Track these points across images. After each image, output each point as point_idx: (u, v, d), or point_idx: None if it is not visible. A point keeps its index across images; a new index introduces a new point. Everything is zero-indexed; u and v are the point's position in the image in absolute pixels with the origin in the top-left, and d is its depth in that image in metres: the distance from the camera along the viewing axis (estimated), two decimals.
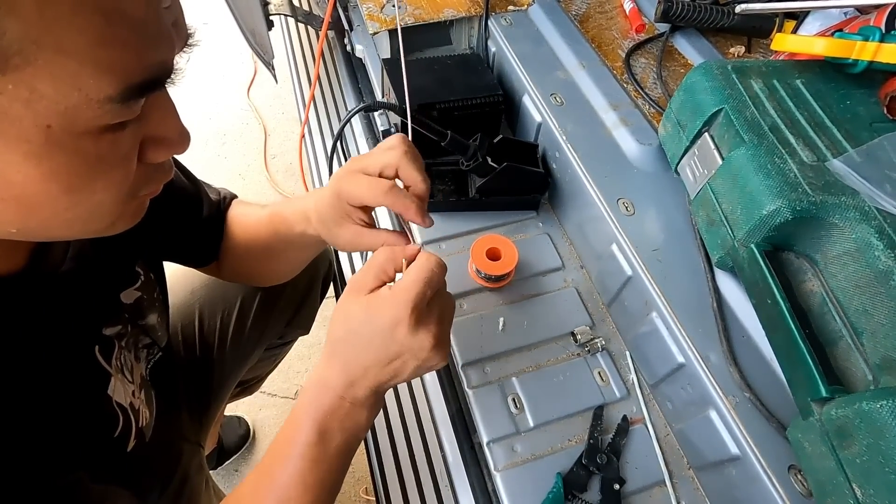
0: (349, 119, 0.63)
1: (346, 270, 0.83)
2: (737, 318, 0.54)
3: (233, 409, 1.28)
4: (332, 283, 0.92)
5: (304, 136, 0.98)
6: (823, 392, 0.40)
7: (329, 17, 0.85)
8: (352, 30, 0.99)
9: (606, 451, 0.56)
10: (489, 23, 0.85)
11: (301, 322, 0.90)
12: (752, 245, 0.50)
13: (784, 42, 0.60)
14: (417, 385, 0.65)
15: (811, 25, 0.74)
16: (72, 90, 0.26)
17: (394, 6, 0.86)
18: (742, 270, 0.52)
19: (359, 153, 0.89)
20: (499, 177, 0.70)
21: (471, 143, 0.68)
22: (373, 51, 0.95)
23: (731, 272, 0.56)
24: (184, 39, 0.32)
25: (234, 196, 0.67)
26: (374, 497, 0.65)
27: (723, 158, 0.54)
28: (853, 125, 0.54)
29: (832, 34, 0.57)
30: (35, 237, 0.36)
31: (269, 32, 1.01)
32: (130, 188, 0.34)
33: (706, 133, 0.57)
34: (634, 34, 0.83)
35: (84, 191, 0.31)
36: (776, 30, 0.78)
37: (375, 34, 0.86)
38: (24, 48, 0.24)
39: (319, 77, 1.05)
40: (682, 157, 0.61)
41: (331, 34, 1.08)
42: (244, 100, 1.97)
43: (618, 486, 0.54)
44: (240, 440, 1.23)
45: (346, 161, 0.84)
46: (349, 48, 1.01)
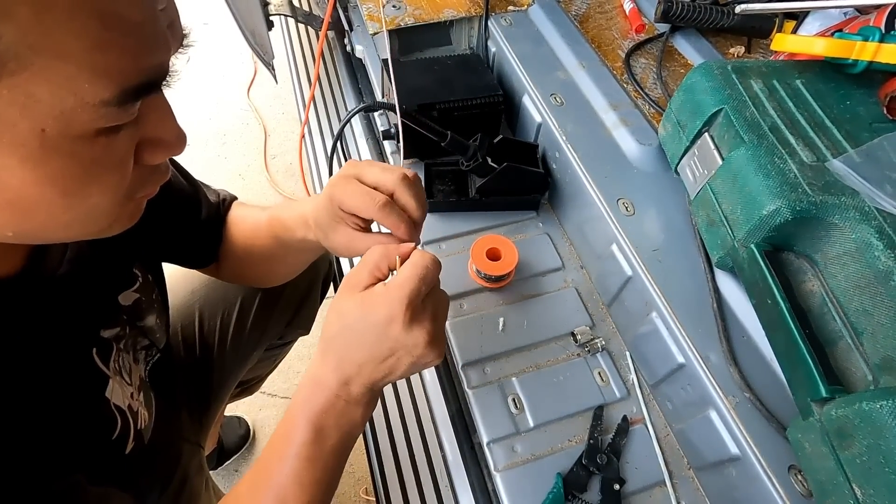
0: (349, 119, 0.64)
1: (346, 271, 0.83)
2: (737, 319, 0.54)
3: (233, 410, 1.28)
4: (332, 284, 0.92)
5: (304, 137, 0.98)
6: (823, 392, 0.41)
7: (329, 18, 0.85)
8: (352, 30, 0.99)
9: (606, 452, 0.56)
10: (489, 23, 0.85)
11: (301, 322, 0.90)
12: (752, 245, 0.50)
13: (784, 42, 0.60)
14: (417, 385, 0.65)
15: (811, 26, 0.74)
16: (67, 94, 0.26)
17: (394, 7, 0.86)
18: (742, 270, 0.52)
19: (359, 153, 0.89)
20: (499, 177, 0.70)
21: (471, 144, 0.68)
22: (373, 51, 0.95)
23: (731, 272, 0.56)
24: (179, 40, 0.32)
25: (234, 198, 0.67)
26: (375, 497, 0.65)
27: (723, 158, 0.54)
28: (853, 125, 0.54)
29: (832, 34, 0.57)
30: (32, 240, 0.36)
31: (269, 33, 1.01)
32: (127, 190, 0.33)
33: (706, 133, 0.57)
34: (634, 34, 0.83)
35: (80, 194, 0.30)
36: (776, 30, 0.78)
37: (375, 34, 0.86)
38: (20, 53, 0.24)
39: (319, 77, 1.05)
40: (682, 158, 0.61)
41: (331, 34, 1.08)
42: (244, 100, 1.97)
43: (618, 487, 0.54)
44: (240, 440, 1.23)
45: (346, 162, 0.84)
46: (349, 48, 1.01)
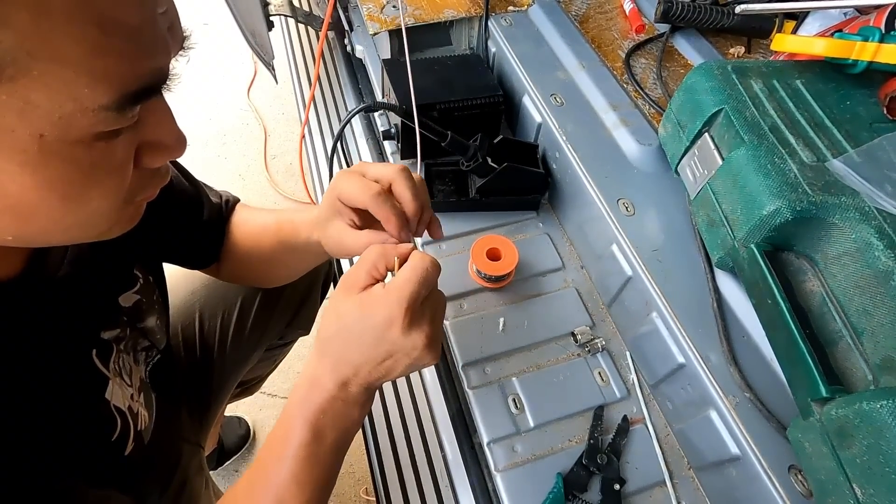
0: (349, 119, 0.63)
1: (346, 271, 0.83)
2: (737, 319, 0.54)
3: (233, 410, 1.28)
4: (332, 284, 0.92)
5: (305, 137, 0.98)
6: (823, 392, 0.41)
7: (329, 18, 0.85)
8: (352, 30, 0.99)
9: (607, 452, 0.56)
10: (489, 23, 0.85)
11: (301, 322, 0.90)
12: (753, 245, 0.50)
13: (784, 42, 0.60)
14: (418, 385, 0.65)
15: (811, 26, 0.74)
16: (66, 100, 0.26)
17: (394, 7, 0.86)
18: (742, 270, 0.52)
19: (359, 154, 0.89)
20: (499, 177, 0.70)
21: (471, 144, 0.68)
22: (373, 51, 0.95)
23: (732, 272, 0.56)
24: (179, 43, 0.32)
25: (237, 200, 0.67)
26: (375, 497, 0.65)
27: (723, 159, 0.54)
28: (853, 125, 0.54)
29: (832, 34, 0.57)
30: (31, 244, 0.36)
31: (270, 33, 1.01)
32: (127, 194, 0.33)
33: (706, 133, 0.57)
34: (634, 34, 0.83)
35: (79, 198, 0.30)
36: (776, 30, 0.78)
37: (375, 35, 0.86)
38: (19, 59, 0.24)
39: (319, 77, 1.05)
40: (682, 158, 0.61)
41: (331, 35, 1.08)
42: (244, 100, 1.97)
43: (618, 487, 0.54)
44: (240, 440, 1.23)
45: (350, 164, 0.84)
46: (349, 49, 1.01)
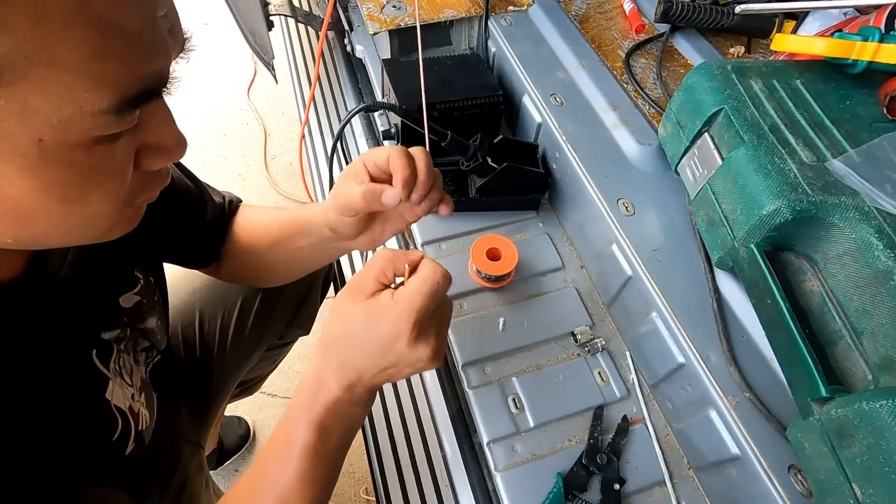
0: (349, 119, 0.63)
1: (347, 271, 0.83)
2: (737, 318, 0.54)
3: (233, 410, 1.28)
4: (333, 284, 0.92)
5: (305, 137, 0.98)
6: (823, 392, 0.41)
7: (329, 18, 0.85)
8: (352, 30, 0.99)
9: (607, 451, 0.56)
10: (489, 23, 0.85)
11: (301, 322, 0.90)
12: (752, 245, 0.50)
13: (784, 42, 0.60)
14: (418, 385, 0.65)
15: (811, 26, 0.74)
16: (65, 104, 0.26)
17: (394, 7, 0.86)
18: (742, 270, 0.52)
19: (359, 154, 0.89)
20: (499, 177, 0.70)
21: (471, 144, 0.68)
22: (373, 51, 0.95)
23: (731, 272, 0.56)
24: (180, 45, 0.32)
25: (241, 201, 0.67)
26: (375, 497, 0.65)
27: (723, 158, 0.54)
28: (853, 125, 0.54)
29: (832, 34, 0.57)
30: (31, 246, 0.36)
31: (269, 33, 1.01)
32: (126, 196, 0.33)
33: (706, 133, 0.57)
34: (634, 34, 0.83)
35: (79, 201, 0.30)
36: (776, 30, 0.78)
37: (375, 34, 0.86)
38: (17, 63, 0.24)
39: (319, 77, 1.05)
40: (682, 158, 0.61)
41: (331, 34, 1.08)
42: (244, 100, 1.97)
43: (618, 486, 0.54)
44: (240, 440, 1.23)
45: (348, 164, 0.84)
46: (349, 48, 1.01)
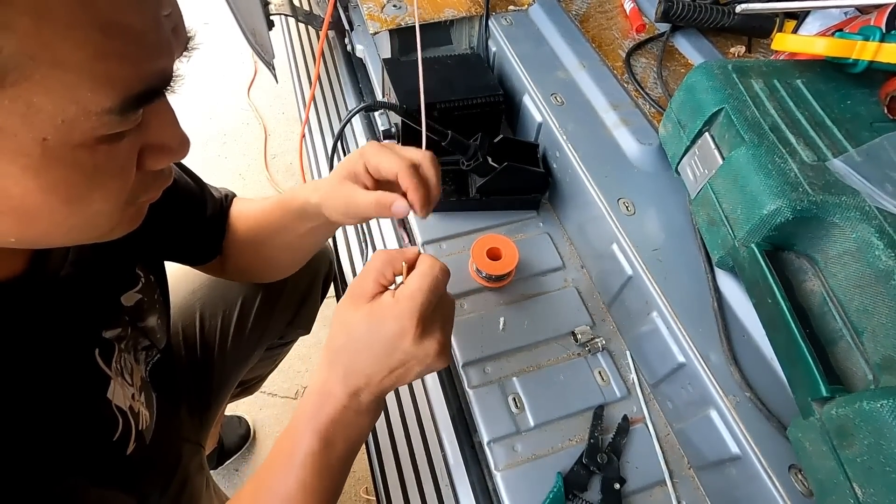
0: (350, 119, 0.63)
1: (347, 270, 0.83)
2: (737, 318, 0.54)
3: (233, 409, 1.28)
4: (333, 284, 0.92)
5: (305, 136, 0.98)
6: (824, 391, 0.41)
7: (329, 17, 0.85)
8: (352, 30, 0.99)
9: (607, 451, 0.56)
10: (490, 23, 0.85)
11: (302, 322, 0.90)
12: (753, 245, 0.50)
13: (784, 42, 0.60)
14: (418, 385, 0.65)
15: (811, 25, 0.74)
16: (69, 103, 0.26)
17: (394, 6, 0.86)
18: (742, 270, 0.52)
19: None
20: (499, 176, 0.70)
21: (471, 143, 0.68)
22: (373, 51, 0.95)
23: (732, 272, 0.56)
24: (183, 44, 0.32)
25: (235, 194, 0.67)
26: (375, 497, 0.65)
27: (723, 158, 0.54)
28: (854, 125, 0.54)
29: (832, 34, 0.57)
30: (34, 245, 0.36)
31: (270, 32, 1.01)
32: (129, 196, 0.33)
33: (707, 133, 0.57)
34: (635, 34, 0.83)
35: (82, 201, 0.30)
36: (776, 30, 0.78)
37: (376, 34, 0.86)
38: (21, 64, 0.24)
39: (320, 77, 1.05)
40: (683, 157, 0.61)
41: (331, 34, 1.08)
42: (244, 100, 1.97)
43: (618, 486, 0.54)
44: (240, 440, 1.23)
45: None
46: (349, 48, 1.01)
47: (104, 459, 0.45)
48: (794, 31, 0.75)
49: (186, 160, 0.60)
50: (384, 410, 0.66)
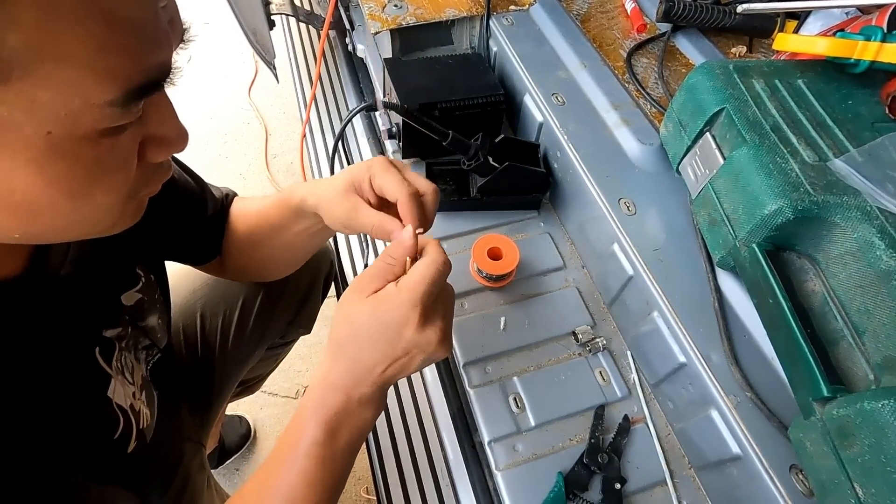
0: (351, 119, 0.63)
1: (348, 270, 0.83)
2: (738, 318, 0.54)
3: (234, 409, 1.28)
4: (334, 283, 0.92)
5: (306, 136, 0.98)
6: (825, 391, 0.40)
7: (330, 17, 0.85)
8: (353, 29, 0.99)
9: (608, 451, 0.56)
10: (490, 22, 0.85)
11: (303, 321, 0.91)
12: (754, 245, 0.50)
13: (786, 42, 0.60)
14: (419, 384, 0.65)
15: (813, 25, 0.74)
16: (73, 97, 0.26)
17: (396, 6, 0.86)
18: (743, 270, 0.52)
19: (360, 153, 0.89)
20: (500, 176, 0.70)
21: (472, 143, 0.68)
22: (374, 50, 0.95)
23: (733, 272, 0.56)
24: (180, 36, 0.32)
25: (236, 194, 0.67)
26: (376, 497, 0.65)
27: (724, 158, 0.54)
28: (855, 125, 0.54)
29: (834, 34, 0.57)
30: (37, 241, 0.36)
31: (271, 32, 1.01)
32: (130, 189, 0.34)
33: (708, 133, 0.57)
34: (636, 34, 0.83)
35: (85, 195, 0.31)
36: (778, 30, 0.78)
37: (377, 34, 0.86)
38: (27, 58, 0.24)
39: (321, 77, 1.06)
40: (684, 157, 0.61)
41: (332, 34, 1.08)
42: (245, 99, 1.97)
43: (619, 486, 0.54)
44: (241, 439, 1.23)
45: (351, 163, 0.84)
46: (350, 48, 1.01)
47: (105, 457, 0.45)
48: (796, 31, 0.75)
49: (187, 160, 0.61)
50: (385, 411, 0.66)
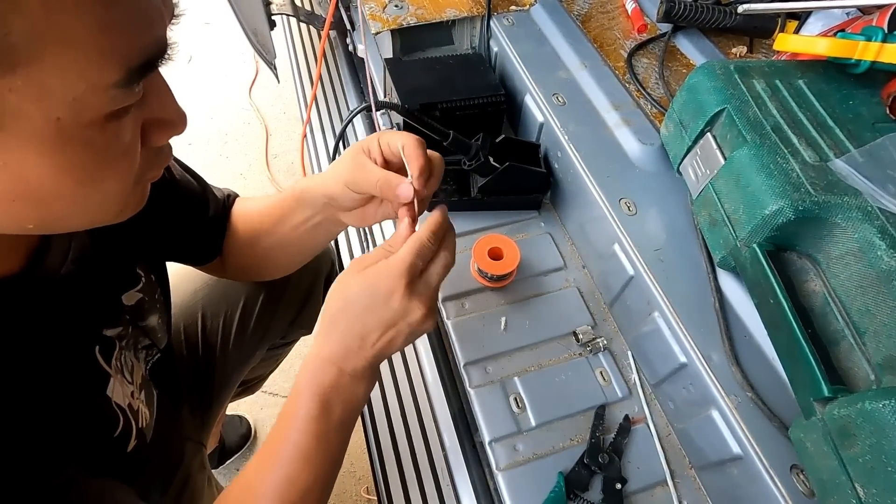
0: (351, 119, 0.63)
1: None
2: (739, 318, 0.54)
3: (234, 409, 1.28)
4: None
5: (306, 136, 0.98)
6: (826, 391, 0.40)
7: (331, 17, 0.85)
8: (353, 29, 0.99)
9: (608, 451, 0.56)
10: (491, 23, 0.85)
11: (304, 321, 0.91)
12: (755, 245, 0.50)
13: (786, 42, 0.60)
14: (419, 384, 0.65)
15: (813, 25, 0.74)
16: (78, 80, 0.27)
17: (396, 6, 0.86)
18: (744, 270, 0.52)
19: None
20: (501, 176, 0.70)
21: (473, 143, 0.68)
22: (375, 50, 0.95)
23: (733, 272, 0.56)
24: (171, 11, 0.33)
25: (237, 195, 0.67)
26: (376, 496, 0.65)
27: (725, 158, 0.54)
28: (855, 125, 0.54)
29: (835, 34, 0.57)
30: (51, 230, 0.37)
31: (272, 32, 1.01)
32: (136, 175, 0.35)
33: (708, 133, 0.57)
34: (636, 34, 0.83)
35: (95, 181, 0.32)
36: (778, 30, 0.78)
37: (377, 34, 0.86)
38: (32, 44, 0.24)
39: (321, 77, 1.06)
40: (685, 157, 0.61)
41: (332, 34, 1.08)
42: (246, 99, 1.97)
43: (619, 486, 0.54)
44: (241, 439, 1.23)
45: None
46: (351, 48, 1.01)
47: (105, 456, 0.45)
48: (796, 32, 0.75)
49: (187, 160, 0.61)
50: (385, 410, 0.66)
